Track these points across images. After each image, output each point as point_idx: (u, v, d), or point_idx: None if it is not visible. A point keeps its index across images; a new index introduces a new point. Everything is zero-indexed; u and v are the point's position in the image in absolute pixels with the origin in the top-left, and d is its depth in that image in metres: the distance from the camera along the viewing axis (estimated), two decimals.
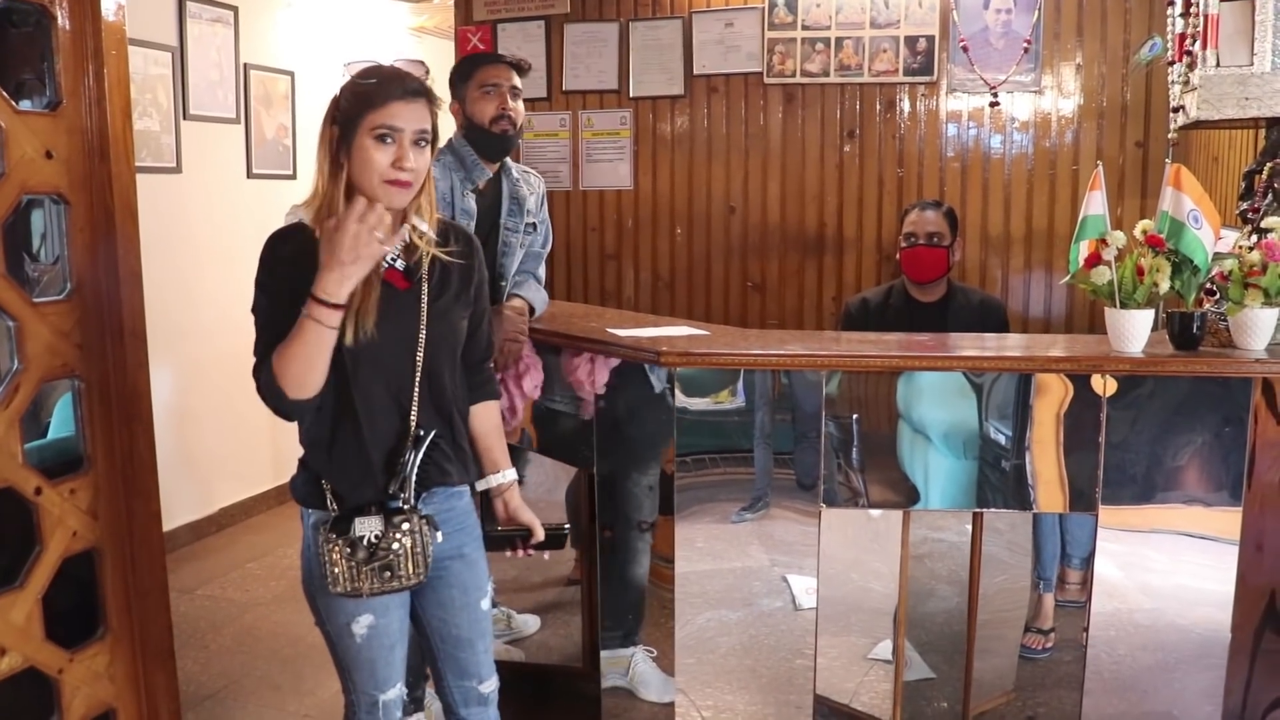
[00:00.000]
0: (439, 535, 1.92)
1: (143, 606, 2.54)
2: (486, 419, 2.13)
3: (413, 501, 1.90)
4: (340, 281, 1.76)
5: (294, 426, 1.93)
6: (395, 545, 1.85)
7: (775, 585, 2.57)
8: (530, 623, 3.49)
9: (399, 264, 1.92)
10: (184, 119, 4.54)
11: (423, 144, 1.86)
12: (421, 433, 1.92)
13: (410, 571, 1.87)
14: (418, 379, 1.91)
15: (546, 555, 2.13)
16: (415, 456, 1.90)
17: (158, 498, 2.58)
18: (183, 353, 4.58)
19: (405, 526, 1.86)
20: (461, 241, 2.01)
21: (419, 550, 1.87)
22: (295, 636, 3.69)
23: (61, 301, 2.36)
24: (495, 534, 2.10)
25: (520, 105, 2.78)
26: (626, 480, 2.74)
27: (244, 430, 4.94)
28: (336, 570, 1.85)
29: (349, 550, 1.84)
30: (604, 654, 2.85)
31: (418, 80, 1.88)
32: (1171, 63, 2.77)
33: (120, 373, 2.46)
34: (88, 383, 2.41)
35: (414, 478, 1.90)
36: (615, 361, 2.67)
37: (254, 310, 1.89)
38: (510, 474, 2.12)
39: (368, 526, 1.85)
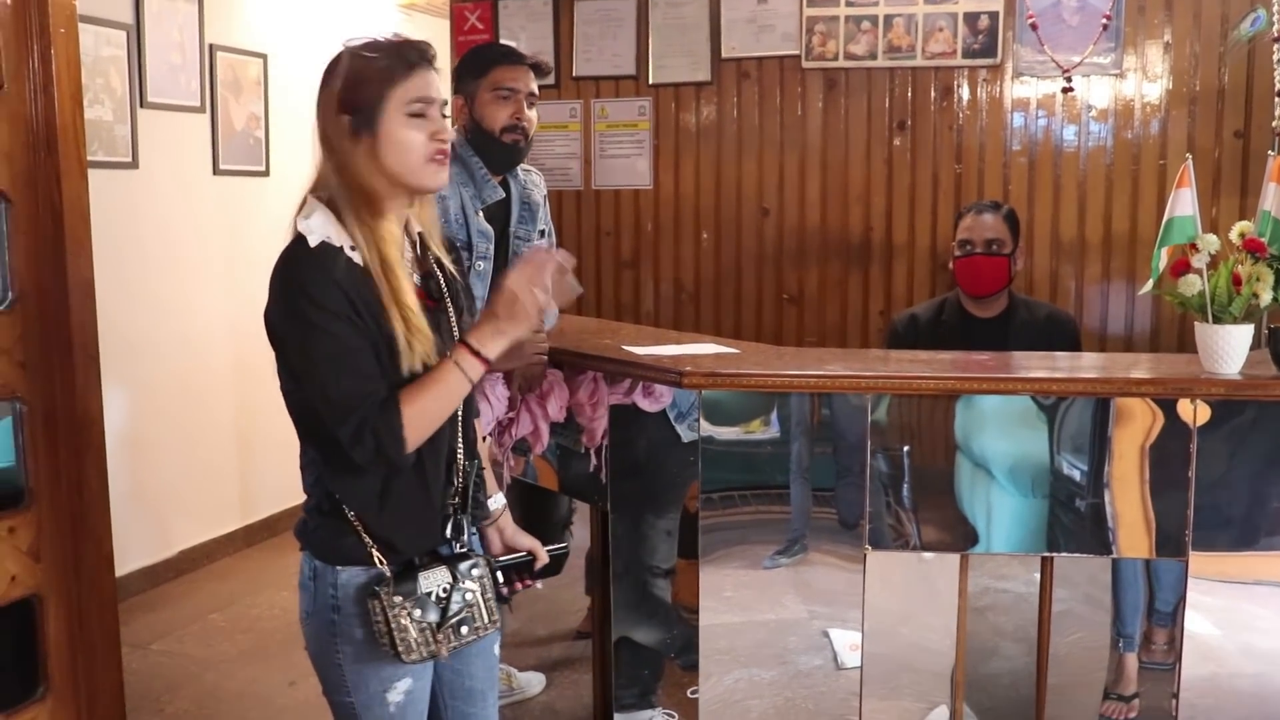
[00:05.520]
0: (499, 575, 1.96)
1: (90, 663, 2.55)
2: None
3: (469, 543, 1.93)
4: (494, 335, 1.82)
5: (264, 457, 1.93)
6: (468, 595, 1.87)
7: (814, 640, 2.57)
8: (534, 682, 3.50)
9: (415, 278, 1.92)
10: (141, 107, 4.57)
11: (446, 115, 1.89)
12: (468, 464, 1.94)
13: (485, 620, 1.90)
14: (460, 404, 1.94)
15: (539, 585, 2.14)
16: (470, 492, 1.93)
17: (110, 538, 2.60)
18: (137, 373, 4.60)
19: (475, 573, 1.89)
20: (454, 252, 2.05)
21: (489, 595, 1.90)
22: (264, 698, 3.69)
23: (2, 314, 2.38)
24: (496, 566, 2.04)
25: (535, 114, 2.84)
26: (641, 523, 2.75)
27: (206, 463, 4.96)
28: (410, 637, 1.82)
29: (419, 611, 1.83)
30: (618, 717, 2.85)
31: (430, 45, 1.91)
32: (1277, 39, 2.77)
33: (69, 395, 2.49)
34: (31, 406, 2.43)
35: (469, 517, 1.93)
36: (625, 385, 2.67)
37: (320, 350, 1.76)
38: (500, 499, 2.13)
39: (434, 580, 1.85)
